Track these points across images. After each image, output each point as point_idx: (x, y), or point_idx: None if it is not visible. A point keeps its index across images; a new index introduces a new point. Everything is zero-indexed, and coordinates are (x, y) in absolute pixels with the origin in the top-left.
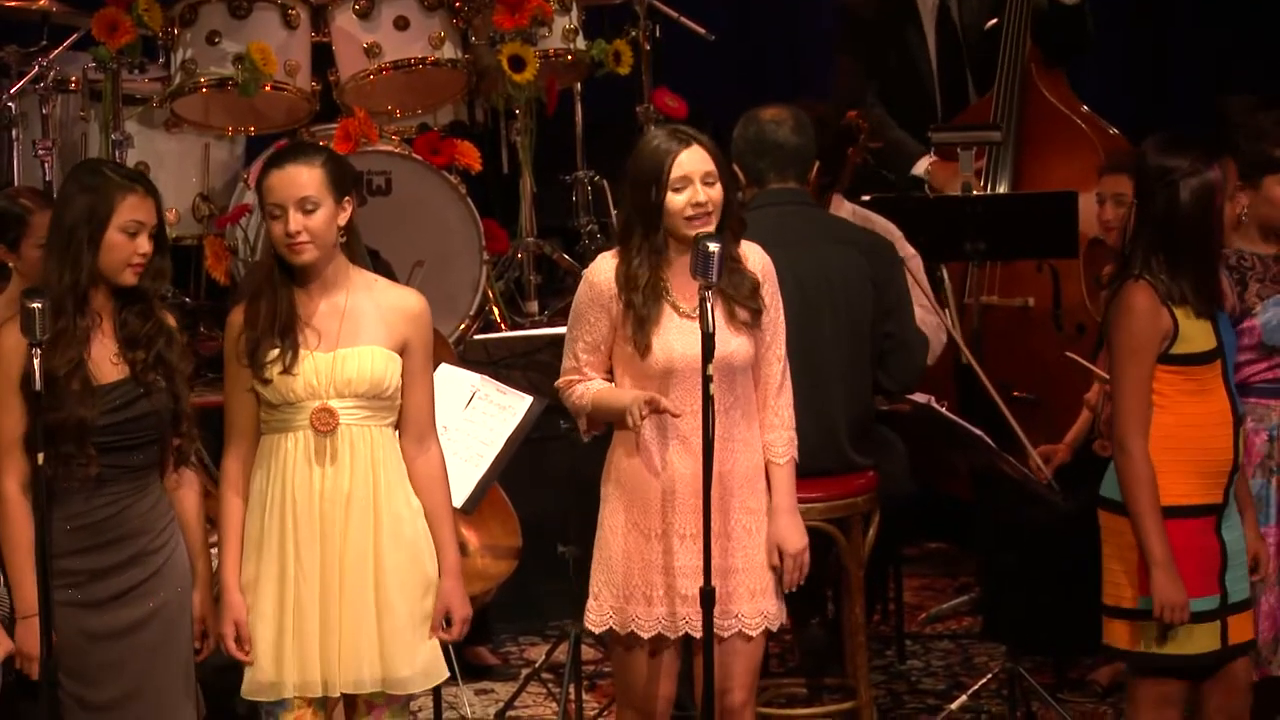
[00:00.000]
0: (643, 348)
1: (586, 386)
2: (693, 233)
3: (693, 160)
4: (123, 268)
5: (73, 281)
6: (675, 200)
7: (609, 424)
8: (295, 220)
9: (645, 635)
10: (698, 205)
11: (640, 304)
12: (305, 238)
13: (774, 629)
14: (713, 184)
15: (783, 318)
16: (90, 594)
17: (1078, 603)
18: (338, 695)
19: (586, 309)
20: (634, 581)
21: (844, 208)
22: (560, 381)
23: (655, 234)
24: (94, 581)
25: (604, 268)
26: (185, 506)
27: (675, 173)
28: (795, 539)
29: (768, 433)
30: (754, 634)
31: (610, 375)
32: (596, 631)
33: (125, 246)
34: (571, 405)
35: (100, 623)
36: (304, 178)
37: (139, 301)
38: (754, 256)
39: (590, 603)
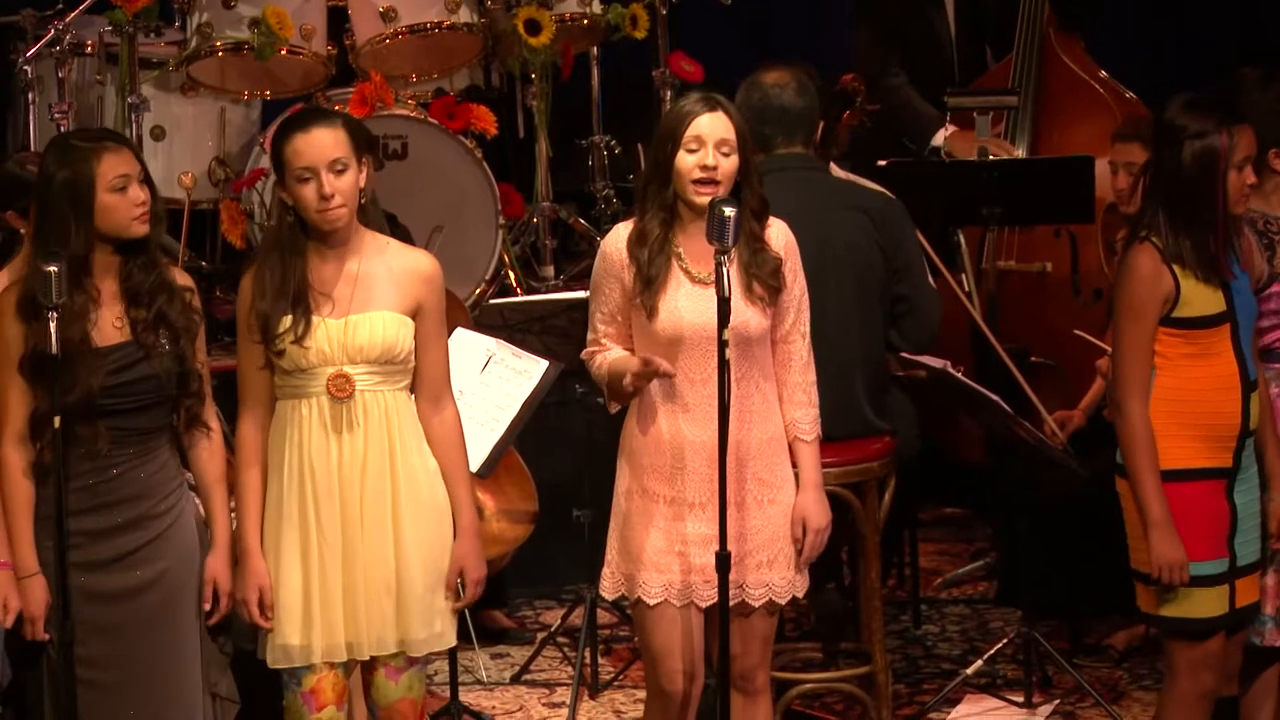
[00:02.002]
0: (649, 308)
1: (604, 357)
2: (697, 198)
3: (712, 125)
4: (128, 222)
5: (69, 257)
6: (685, 160)
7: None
8: (329, 182)
9: (651, 602)
10: (705, 169)
11: (647, 262)
12: (339, 200)
13: (781, 601)
14: (728, 154)
15: (806, 295)
16: (88, 555)
17: (1093, 568)
18: (364, 658)
19: (601, 279)
20: (643, 548)
21: (837, 174)
22: (584, 353)
23: (665, 191)
24: (93, 543)
25: (617, 236)
26: (203, 469)
27: (691, 132)
28: (819, 515)
29: (795, 409)
30: (757, 605)
31: (632, 346)
32: (609, 597)
33: (121, 203)
34: (594, 377)
35: (99, 585)
36: (330, 139)
37: (141, 254)
38: (777, 234)
39: (604, 569)
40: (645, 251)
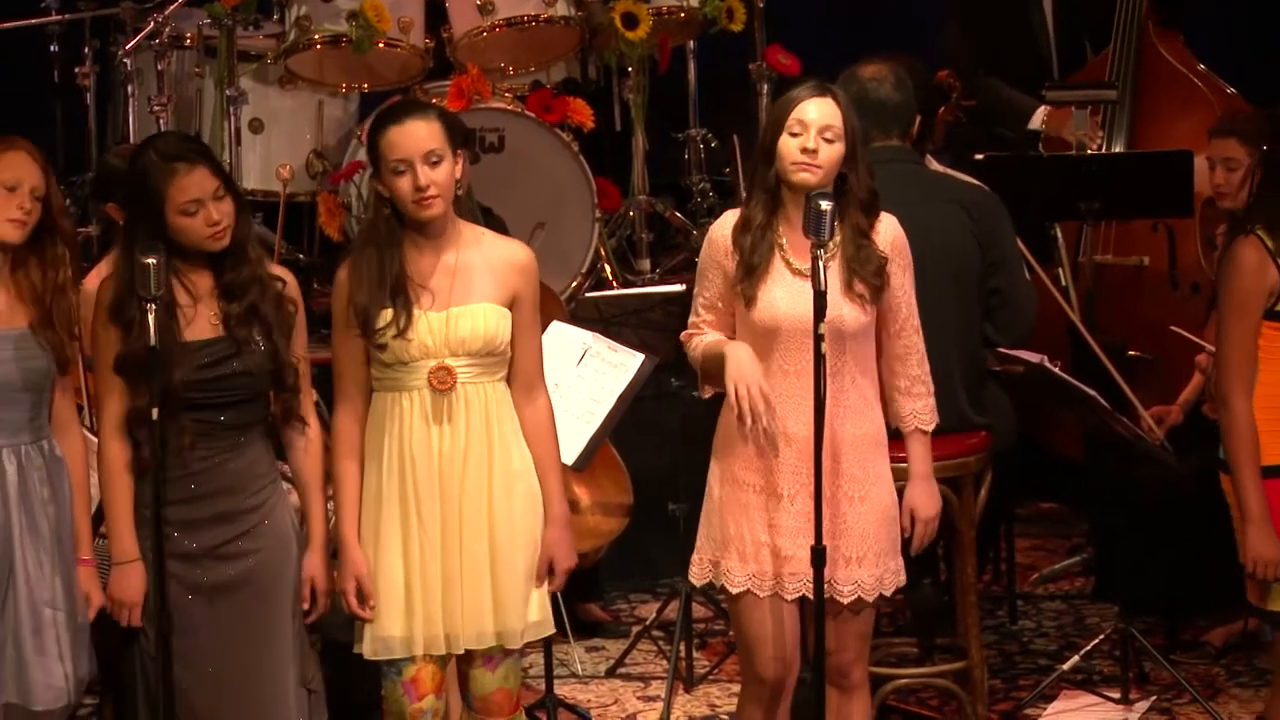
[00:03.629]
0: (748, 297)
1: (700, 340)
2: (795, 179)
3: (819, 110)
4: (201, 241)
5: (158, 264)
6: (787, 143)
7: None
8: (424, 174)
9: (734, 590)
10: (806, 150)
11: (749, 250)
12: (435, 191)
13: (869, 599)
14: (831, 140)
15: (914, 290)
16: (179, 547)
17: (1190, 563)
18: (460, 651)
19: (707, 265)
20: (731, 536)
21: (934, 168)
22: (683, 334)
23: (768, 174)
24: (185, 535)
25: (724, 223)
26: (299, 465)
27: (795, 115)
28: (929, 505)
29: (915, 401)
30: (845, 601)
31: (732, 333)
32: (697, 583)
33: (191, 225)
34: (689, 359)
35: (191, 577)
36: (425, 131)
37: (235, 252)
38: (885, 230)
39: (694, 554)
40: (748, 239)
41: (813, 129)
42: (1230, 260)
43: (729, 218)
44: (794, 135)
